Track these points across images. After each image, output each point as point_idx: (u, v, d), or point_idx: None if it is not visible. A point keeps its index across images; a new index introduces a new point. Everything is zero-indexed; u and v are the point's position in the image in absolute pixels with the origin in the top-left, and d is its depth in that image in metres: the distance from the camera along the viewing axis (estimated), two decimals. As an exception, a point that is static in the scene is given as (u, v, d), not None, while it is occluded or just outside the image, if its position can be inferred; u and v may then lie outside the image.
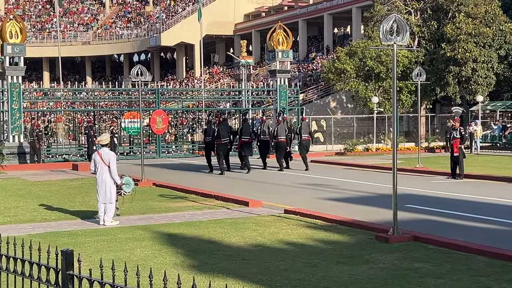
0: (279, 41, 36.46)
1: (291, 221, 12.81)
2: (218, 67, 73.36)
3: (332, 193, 17.69)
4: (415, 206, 14.77)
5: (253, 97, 40.33)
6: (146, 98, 38.86)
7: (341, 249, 10.10)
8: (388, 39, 10.90)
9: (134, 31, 78.12)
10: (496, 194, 16.83)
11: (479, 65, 38.72)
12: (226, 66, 72.70)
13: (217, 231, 11.71)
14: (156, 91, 35.81)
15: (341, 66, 40.89)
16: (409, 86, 40.39)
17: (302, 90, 48.23)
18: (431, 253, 9.78)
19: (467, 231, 11.77)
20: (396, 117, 11.54)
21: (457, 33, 38.58)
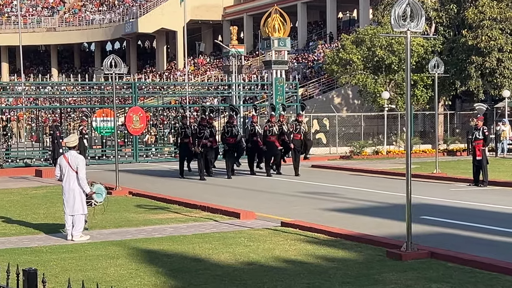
0: (274, 27, 36.50)
1: (289, 235, 12.83)
2: (204, 57, 73.38)
3: (336, 203, 17.71)
4: (432, 218, 14.80)
5: (244, 92, 40.38)
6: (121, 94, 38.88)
7: (346, 267, 10.12)
8: (401, 25, 10.92)
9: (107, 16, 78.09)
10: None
11: (506, 55, 38.86)
12: (213, 56, 72.77)
13: (204, 247, 11.70)
14: (132, 85, 35.80)
15: (346, 57, 40.99)
16: (425, 80, 40.52)
17: (301, 84, 48.33)
18: (450, 272, 9.80)
19: (492, 246, 11.80)
20: (410, 115, 11.57)
21: (480, 18, 38.71)
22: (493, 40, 38.38)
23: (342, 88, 48.14)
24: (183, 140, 25.10)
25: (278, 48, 36.41)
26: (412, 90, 39.54)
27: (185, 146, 24.93)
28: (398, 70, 40.28)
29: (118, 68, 20.52)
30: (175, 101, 50.38)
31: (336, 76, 43.90)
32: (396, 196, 18.17)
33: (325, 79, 49.98)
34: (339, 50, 42.84)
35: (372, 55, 40.64)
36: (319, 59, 55.09)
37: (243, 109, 39.29)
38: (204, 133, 23.74)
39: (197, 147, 23.56)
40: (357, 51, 40.97)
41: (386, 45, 40.17)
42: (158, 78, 66.56)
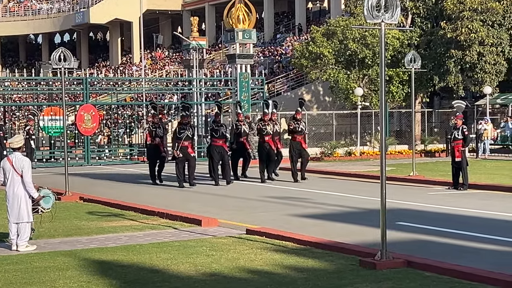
0: (239, 18, 36.54)
1: (255, 243, 12.84)
2: (162, 50, 73.14)
3: (306, 208, 17.77)
4: (408, 224, 14.92)
5: (206, 88, 40.35)
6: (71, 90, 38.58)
7: (316, 278, 10.15)
8: (375, 16, 10.99)
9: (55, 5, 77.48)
10: (508, 208, 17.09)
11: (487, 48, 39.29)
12: (172, 49, 72.58)
13: (162, 257, 11.67)
14: (83, 81, 35.55)
15: (316, 50, 41.12)
16: (401, 75, 40.81)
17: (268, 80, 48.40)
18: (428, 282, 9.88)
19: (473, 254, 11.93)
20: (385, 113, 11.64)
21: (459, 9, 39.10)
22: (473, 33, 38.77)
23: (312, 84, 48.31)
24: (153, 141, 24.09)
25: (242, 40, 36.44)
26: (387, 86, 39.82)
27: (154, 148, 24.05)
28: (372, 64, 40.51)
29: (67, 62, 20.39)
30: (130, 98, 50.17)
31: (306, 71, 44.03)
32: (370, 201, 18.28)
33: (294, 75, 50.12)
34: (308, 43, 42.97)
35: (344, 49, 40.83)
36: (287, 53, 55.22)
37: (205, 107, 39.23)
38: (185, 133, 22.58)
39: (176, 150, 22.38)
40: (328, 44, 41.13)
41: (359, 37, 40.37)
42: (112, 73, 66.15)
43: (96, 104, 38.58)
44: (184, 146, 22.39)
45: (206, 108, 39.79)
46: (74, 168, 30.65)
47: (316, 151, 36.00)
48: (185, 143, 22.43)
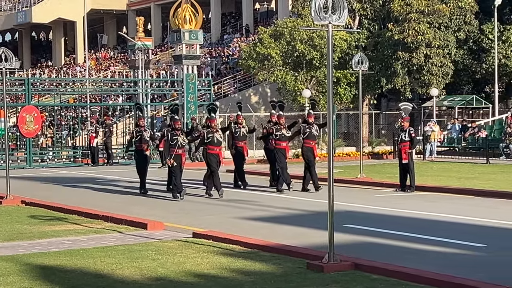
0: (185, 18, 36.48)
1: (202, 247, 12.82)
2: (107, 51, 72.60)
3: (253, 211, 17.79)
4: (356, 227, 15.03)
5: (152, 89, 40.16)
6: (13, 91, 38.08)
7: (264, 281, 10.18)
8: (322, 17, 11.05)
9: (-4, 4, 76.31)
10: (454, 210, 17.33)
11: (434, 50, 39.85)
12: (117, 49, 72.09)
13: (106, 262, 11.58)
14: (26, 81, 35.13)
15: (264, 51, 41.23)
16: (349, 77, 41.15)
17: (215, 81, 48.38)
18: (375, 284, 9.97)
19: (420, 256, 12.07)
20: (332, 115, 11.72)
21: (406, 11, 39.59)
22: (420, 35, 39.29)
23: (260, 86, 48.42)
24: (141, 147, 22.09)
25: (189, 41, 36.40)
26: (334, 88, 40.12)
27: (141, 154, 22.16)
28: (320, 66, 40.77)
29: (9, 62, 20.11)
30: (74, 99, 49.70)
31: (253, 73, 44.14)
32: (318, 203, 18.37)
33: (241, 76, 50.18)
34: (256, 44, 43.08)
35: (292, 50, 41.01)
36: (234, 54, 55.26)
37: (150, 109, 39.07)
38: (177, 140, 19.99)
39: (169, 159, 19.82)
40: (276, 46, 41.27)
41: (307, 39, 40.60)
42: (55, 74, 65.49)
43: (39, 106, 38.12)
44: (177, 154, 19.87)
45: (152, 109, 39.62)
46: (16, 171, 30.22)
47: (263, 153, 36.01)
48: (178, 151, 19.95)
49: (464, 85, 46.11)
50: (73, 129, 40.46)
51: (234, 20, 66.87)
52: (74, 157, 36.61)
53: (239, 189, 22.73)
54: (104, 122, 36.65)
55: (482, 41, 42.00)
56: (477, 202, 19.10)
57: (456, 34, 41.09)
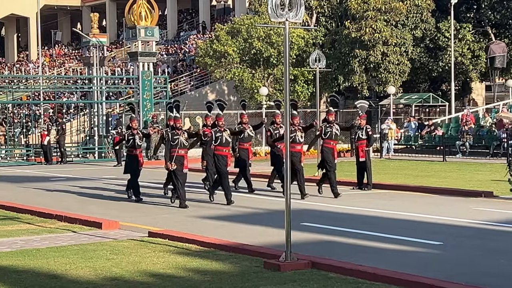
0: (141, 15, 36.28)
1: (158, 246, 12.77)
2: (61, 47, 71.93)
3: (210, 209, 17.78)
4: (313, 225, 15.10)
5: (108, 86, 39.88)
6: (-36, 88, 37.55)
7: (220, 281, 10.17)
8: (279, 14, 11.09)
9: None
10: (411, 208, 17.50)
11: (391, 48, 40.17)
12: (72, 46, 71.41)
13: (60, 262, 11.48)
14: (-23, 78, 34.65)
15: (221, 48, 41.20)
16: (306, 74, 41.30)
17: (171, 79, 48.22)
18: (332, 283, 10.02)
19: (377, 254, 12.17)
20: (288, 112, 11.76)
21: (364, 9, 39.84)
22: (377, 33, 39.57)
23: (217, 83, 48.36)
24: (132, 151, 20.28)
25: (145, 38, 36.23)
26: (292, 86, 40.25)
27: (134, 159, 20.18)
28: (277, 63, 40.84)
29: (-41, 58, 19.85)
30: (27, 96, 49.16)
31: (210, 70, 44.07)
32: (275, 201, 18.42)
33: (198, 73, 50.07)
34: (213, 41, 43.01)
35: (249, 47, 41.03)
36: (191, 51, 55.11)
37: (105, 106, 38.82)
38: (179, 140, 18.28)
39: (170, 162, 18.04)
40: (233, 43, 41.26)
41: (264, 36, 40.66)
42: (8, 71, 64.71)
43: (-9, 103, 37.67)
44: (179, 155, 18.19)
45: (107, 107, 39.37)
46: (-33, 170, 29.85)
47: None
48: (181, 152, 18.25)
49: (421, 83, 46.57)
50: (26, 127, 40.01)
51: (190, 17, 66.67)
52: (27, 155, 36.24)
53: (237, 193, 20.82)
54: (57, 120, 36.33)
55: (439, 39, 42.44)
56: (433, 200, 19.29)
57: (413, 32, 41.46)
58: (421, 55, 42.80)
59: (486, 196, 19.54)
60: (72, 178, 25.88)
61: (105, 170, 30.17)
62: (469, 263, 11.44)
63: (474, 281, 9.82)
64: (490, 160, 31.62)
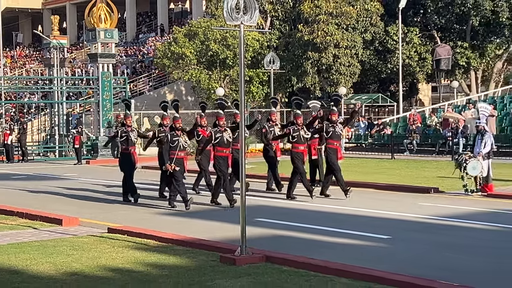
0: (100, 17, 36.01)
1: (117, 242, 12.68)
2: (22, 49, 71.10)
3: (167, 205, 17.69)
4: (267, 220, 15.11)
5: (68, 87, 39.54)
6: None
7: (178, 275, 10.13)
8: (234, 18, 11.08)
9: None
10: (361, 204, 17.59)
11: (342, 51, 40.41)
12: (33, 48, 70.64)
13: (21, 258, 11.34)
14: None
15: (179, 50, 41.09)
16: (261, 76, 41.36)
17: (130, 79, 47.93)
18: (285, 276, 10.04)
19: (328, 248, 12.22)
20: (244, 112, 11.76)
21: (316, 13, 40.01)
22: (329, 36, 39.79)
23: (175, 84, 48.21)
24: (127, 149, 18.76)
25: (104, 40, 35.97)
26: (247, 87, 40.30)
27: (129, 157, 18.73)
28: (233, 65, 40.86)
29: None
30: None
31: (168, 71, 43.94)
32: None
33: (157, 74, 49.86)
34: (171, 43, 42.88)
35: (206, 49, 40.98)
36: (149, 53, 54.86)
37: (66, 106, 38.47)
38: (178, 141, 16.93)
39: (169, 164, 16.78)
40: (190, 45, 41.18)
41: (221, 38, 40.64)
42: (-30, 71, 63.70)
43: (-47, 103, 37.07)
44: (179, 158, 16.92)
45: (67, 107, 39.03)
46: None
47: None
48: (180, 154, 16.99)
49: (370, 84, 46.94)
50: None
51: (149, 20, 66.34)
52: (-10, 154, 35.74)
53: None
54: (19, 120, 35.92)
55: (387, 42, 42.79)
56: (382, 196, 19.44)
57: (363, 35, 41.75)
58: (371, 57, 43.13)
59: (432, 192, 19.73)
60: (33, 176, 25.59)
61: (66, 168, 29.91)
62: (417, 256, 11.54)
63: (421, 274, 9.91)
64: (436, 158, 31.97)
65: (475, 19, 42.43)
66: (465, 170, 18.43)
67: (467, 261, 11.20)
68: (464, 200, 18.05)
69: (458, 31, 44.78)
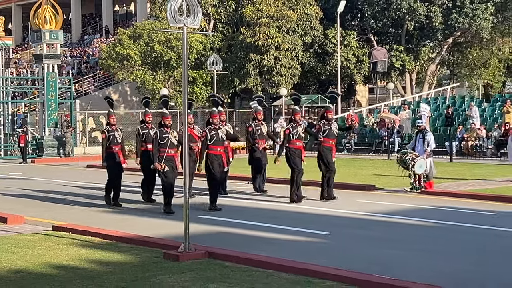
0: (46, 19, 35.52)
1: (61, 239, 12.53)
2: (-33, 49, 69.75)
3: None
4: (210, 217, 15.10)
5: (13, 87, 38.94)
6: None
7: (122, 271, 10.06)
8: (177, 20, 11.06)
9: None
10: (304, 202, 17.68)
11: (283, 53, 40.58)
12: (-22, 48, 69.38)
13: (-35, 256, 11.14)
14: None
15: (123, 51, 40.77)
16: (204, 77, 41.27)
17: (76, 80, 47.38)
18: (227, 271, 10.05)
19: (269, 244, 12.26)
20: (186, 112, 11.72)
21: (257, 16, 40.11)
22: (270, 38, 39.92)
23: (120, 84, 47.83)
24: (112, 148, 17.38)
25: (50, 41, 35.51)
26: (191, 87, 40.20)
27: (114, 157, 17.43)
28: (177, 66, 40.71)
29: None
30: None
31: (113, 72, 43.57)
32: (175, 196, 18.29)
33: (102, 75, 49.39)
34: (115, 44, 42.51)
35: (151, 51, 40.76)
36: (94, 54, 54.31)
37: (11, 106, 37.88)
38: (168, 138, 15.73)
39: (159, 163, 15.63)
40: (135, 46, 40.91)
41: (165, 40, 40.46)
42: None
43: None
44: (170, 156, 15.75)
45: (13, 107, 38.44)
46: None
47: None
48: (170, 152, 15.78)
49: (310, 85, 47.23)
50: None
51: (94, 21, 65.69)
52: None
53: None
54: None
55: (326, 45, 43.11)
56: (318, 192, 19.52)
57: (303, 38, 41.99)
58: (311, 59, 43.41)
59: (369, 189, 19.94)
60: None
61: (11, 167, 29.44)
62: (354, 251, 11.66)
63: (358, 268, 10.02)
64: (372, 157, 32.33)
65: (409, 23, 43.07)
66: (412, 169, 18.68)
67: (400, 256, 11.35)
68: (400, 197, 18.30)
69: (394, 35, 45.39)
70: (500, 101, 36.42)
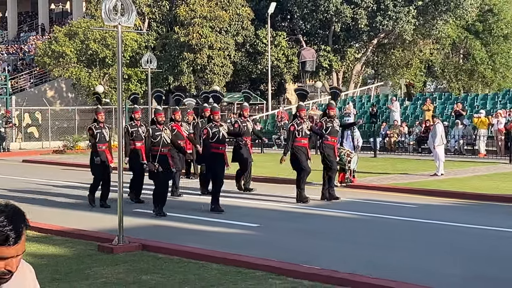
0: (-18, 15, 34.71)
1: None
2: None
3: (49, 197, 17.29)
4: (145, 211, 15.00)
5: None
6: None
7: (56, 264, 9.92)
8: (112, 19, 10.94)
9: None
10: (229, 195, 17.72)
11: (215, 52, 40.56)
12: None
13: None
14: None
15: (59, 49, 40.12)
16: (139, 74, 40.95)
17: (12, 76, 46.42)
18: (161, 263, 10.01)
19: (202, 236, 12.26)
20: (121, 109, 11.62)
21: (191, 16, 39.99)
22: (204, 38, 39.85)
23: (55, 81, 47.05)
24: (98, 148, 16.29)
25: (-15, 38, 34.71)
26: (126, 85, 39.82)
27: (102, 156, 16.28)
28: (112, 64, 40.28)
29: None
30: None
31: (49, 69, 42.83)
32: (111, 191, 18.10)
33: (37, 72, 48.48)
34: (51, 42, 41.81)
35: (86, 48, 40.22)
36: (30, 51, 53.29)
37: None
38: (161, 136, 14.57)
39: (152, 162, 14.36)
40: (71, 44, 40.30)
41: (100, 38, 39.97)
42: None
43: None
44: (163, 154, 14.54)
45: None
46: None
47: (59, 144, 35.17)
48: (164, 151, 14.57)
49: (242, 83, 47.32)
50: None
51: (30, 19, 64.41)
52: None
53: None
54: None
55: (258, 45, 43.26)
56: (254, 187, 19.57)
57: (235, 38, 42.04)
58: (242, 58, 43.50)
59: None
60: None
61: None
62: (284, 243, 11.73)
63: (286, 258, 10.09)
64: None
65: (337, 25, 43.53)
66: (348, 164, 18.89)
67: (327, 247, 11.49)
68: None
69: (322, 36, 45.84)
70: (421, 99, 37.15)
